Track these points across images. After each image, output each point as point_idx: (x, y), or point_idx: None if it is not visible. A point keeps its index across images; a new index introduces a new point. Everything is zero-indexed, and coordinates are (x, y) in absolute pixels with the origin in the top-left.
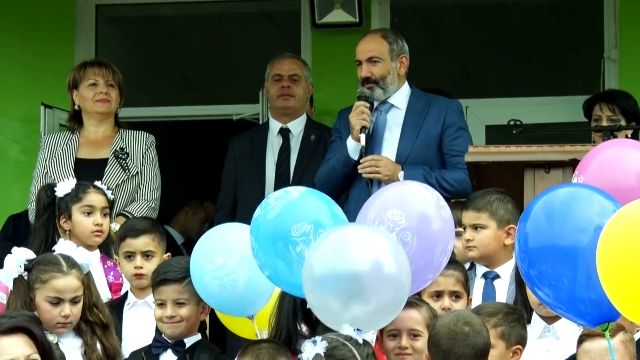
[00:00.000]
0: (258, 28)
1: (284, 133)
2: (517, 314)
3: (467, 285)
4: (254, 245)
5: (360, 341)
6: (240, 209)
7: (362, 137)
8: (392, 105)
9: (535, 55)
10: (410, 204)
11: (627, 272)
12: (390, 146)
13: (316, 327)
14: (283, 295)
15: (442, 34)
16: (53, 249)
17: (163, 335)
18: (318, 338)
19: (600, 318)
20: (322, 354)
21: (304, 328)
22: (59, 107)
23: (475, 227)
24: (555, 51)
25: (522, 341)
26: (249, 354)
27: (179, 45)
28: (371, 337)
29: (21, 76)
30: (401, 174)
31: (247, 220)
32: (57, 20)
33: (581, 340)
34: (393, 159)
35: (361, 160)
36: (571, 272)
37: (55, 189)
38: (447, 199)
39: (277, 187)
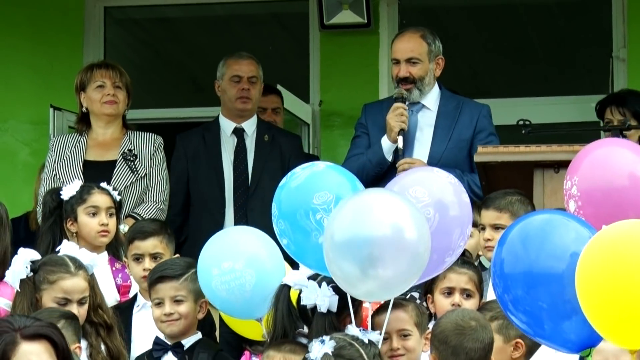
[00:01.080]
0: (266, 29)
1: (239, 133)
2: None
3: (480, 286)
4: (276, 212)
5: (366, 341)
6: (197, 209)
7: (400, 139)
8: (423, 106)
9: (543, 55)
10: (434, 184)
11: (607, 295)
12: (422, 147)
13: (311, 325)
14: (278, 296)
15: (451, 34)
16: (57, 249)
17: (163, 337)
18: (326, 338)
19: (581, 344)
20: (331, 354)
21: (305, 327)
22: (68, 110)
23: (495, 227)
24: (564, 51)
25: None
26: (272, 347)
27: (187, 47)
28: (377, 337)
29: (30, 79)
30: None
31: (204, 220)
32: (65, 23)
33: None
34: (425, 159)
35: (397, 164)
36: (547, 299)
37: (60, 192)
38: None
39: (236, 187)
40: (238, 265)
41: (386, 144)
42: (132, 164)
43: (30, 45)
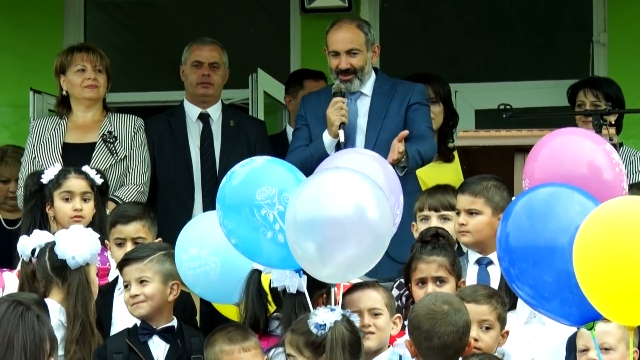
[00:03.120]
0: (247, 13)
1: (204, 118)
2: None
3: (454, 268)
4: (220, 213)
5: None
6: (166, 194)
7: (341, 133)
8: (362, 93)
9: (524, 39)
10: (358, 162)
11: (604, 273)
12: (363, 133)
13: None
14: (248, 281)
15: (432, 18)
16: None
17: (146, 321)
18: (336, 307)
19: (583, 318)
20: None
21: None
22: (47, 93)
23: (470, 212)
24: (545, 35)
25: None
26: (220, 339)
27: (168, 30)
28: (356, 319)
29: (10, 62)
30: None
31: (173, 205)
32: (45, 5)
33: None
34: (363, 144)
35: None
36: (552, 272)
37: (42, 176)
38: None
39: (204, 172)
40: (203, 253)
41: (327, 139)
42: (111, 145)
43: (10, 28)
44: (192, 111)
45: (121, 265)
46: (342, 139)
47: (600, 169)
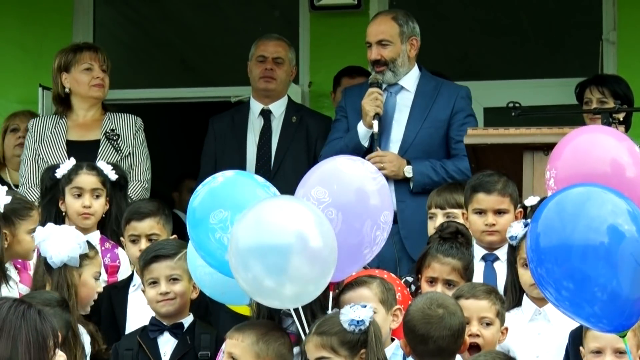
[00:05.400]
0: (256, 9)
1: (265, 114)
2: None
3: (466, 273)
4: (189, 229)
5: None
6: None
7: (375, 124)
8: (402, 88)
9: (534, 37)
10: (335, 179)
11: None
12: (399, 128)
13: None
14: None
15: (441, 15)
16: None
17: (157, 317)
18: (366, 304)
19: (615, 323)
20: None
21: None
22: None
23: (498, 212)
24: (554, 33)
25: None
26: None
27: (177, 27)
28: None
29: (19, 58)
30: (407, 168)
31: None
32: (55, 2)
33: None
34: (400, 140)
35: (367, 157)
36: (580, 274)
37: (56, 171)
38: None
39: (258, 168)
40: None
41: (362, 129)
42: (115, 143)
43: (19, 24)
44: (255, 107)
45: (149, 261)
46: (375, 129)
47: (623, 166)
